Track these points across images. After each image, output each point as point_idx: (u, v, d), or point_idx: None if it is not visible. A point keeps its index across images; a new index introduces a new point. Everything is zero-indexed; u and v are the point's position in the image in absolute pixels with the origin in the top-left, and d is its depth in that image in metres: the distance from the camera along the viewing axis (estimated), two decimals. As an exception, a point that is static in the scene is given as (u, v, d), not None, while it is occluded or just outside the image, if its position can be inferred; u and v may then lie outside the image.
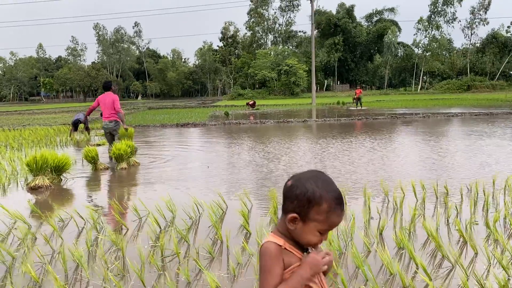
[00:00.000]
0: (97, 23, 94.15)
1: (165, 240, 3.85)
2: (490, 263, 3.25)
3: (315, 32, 60.69)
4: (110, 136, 8.85)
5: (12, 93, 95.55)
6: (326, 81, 79.04)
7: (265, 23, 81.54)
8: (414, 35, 76.71)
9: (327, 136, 12.43)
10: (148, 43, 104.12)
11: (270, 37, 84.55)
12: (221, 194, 5.36)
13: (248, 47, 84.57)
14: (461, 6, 70.43)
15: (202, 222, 4.56)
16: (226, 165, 8.16)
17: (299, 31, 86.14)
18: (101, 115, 9.32)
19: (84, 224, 4.58)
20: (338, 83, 79.48)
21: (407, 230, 4.01)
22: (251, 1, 79.60)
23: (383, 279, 3.08)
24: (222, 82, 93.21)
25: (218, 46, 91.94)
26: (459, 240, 3.78)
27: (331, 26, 73.52)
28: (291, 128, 15.69)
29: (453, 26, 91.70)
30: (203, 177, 7.05)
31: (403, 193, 5.20)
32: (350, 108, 28.55)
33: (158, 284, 3.11)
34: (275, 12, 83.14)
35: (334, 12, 75.77)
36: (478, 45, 75.68)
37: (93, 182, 7.19)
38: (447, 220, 4.33)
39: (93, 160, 8.03)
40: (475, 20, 73.00)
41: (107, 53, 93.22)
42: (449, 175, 6.48)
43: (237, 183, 6.47)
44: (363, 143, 10.54)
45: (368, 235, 3.96)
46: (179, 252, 3.61)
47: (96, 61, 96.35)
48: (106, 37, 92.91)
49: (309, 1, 38.47)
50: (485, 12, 71.75)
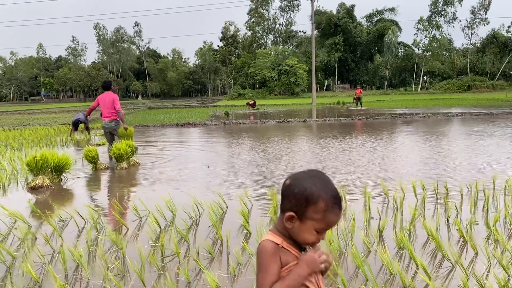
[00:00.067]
0: (97, 23, 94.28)
1: (165, 240, 3.85)
2: (490, 263, 3.25)
3: (315, 32, 60.65)
4: (110, 136, 8.86)
5: (12, 93, 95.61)
6: (326, 81, 79.05)
7: (265, 23, 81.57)
8: (415, 35, 76.81)
9: (328, 136, 12.43)
10: (148, 43, 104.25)
11: (270, 37, 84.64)
12: (221, 194, 5.36)
13: (248, 47, 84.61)
14: (462, 6, 70.45)
15: (202, 222, 4.56)
16: (226, 165, 8.17)
17: (299, 31, 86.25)
18: (101, 115, 9.33)
19: (84, 224, 4.59)
20: (339, 83, 79.51)
21: (407, 230, 4.01)
22: (251, 1, 79.64)
23: (383, 279, 3.08)
24: (222, 82, 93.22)
25: (218, 46, 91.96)
26: (459, 240, 3.78)
27: (332, 26, 73.52)
28: (291, 128, 15.69)
29: (454, 26, 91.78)
30: (203, 177, 7.05)
31: (403, 193, 5.20)
32: (351, 108, 28.54)
33: (158, 284, 3.11)
34: (275, 12, 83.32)
35: (334, 12, 75.77)
36: (479, 45, 75.66)
37: (93, 182, 7.19)
38: (447, 220, 4.33)
39: (93, 160, 8.04)
40: (476, 20, 73.01)
41: (107, 53, 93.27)
42: (449, 175, 6.48)
43: (237, 183, 6.47)
44: (363, 143, 10.54)
45: (368, 235, 3.96)
46: (179, 252, 3.61)
47: (96, 61, 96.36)
48: (106, 37, 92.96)
49: (309, 1, 38.50)
50: (486, 12, 71.79)
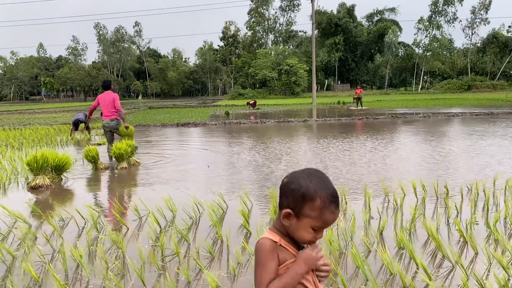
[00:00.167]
0: (98, 23, 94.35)
1: (165, 240, 3.85)
2: (491, 263, 3.25)
3: (316, 32, 60.69)
4: (111, 135, 8.86)
5: (13, 93, 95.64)
6: (327, 81, 79.05)
7: (266, 23, 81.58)
8: (415, 35, 76.67)
9: (328, 136, 12.43)
10: (149, 43, 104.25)
11: (271, 37, 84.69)
12: (221, 194, 5.36)
13: (249, 47, 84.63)
14: (462, 6, 70.43)
15: (203, 222, 4.56)
16: (227, 165, 8.16)
17: (300, 31, 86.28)
18: (101, 114, 9.35)
19: (85, 224, 4.59)
20: (339, 83, 79.53)
21: (408, 230, 4.01)
22: (252, 1, 79.65)
23: (383, 279, 3.08)
24: (223, 82, 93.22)
25: (219, 46, 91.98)
26: (460, 240, 3.78)
27: (332, 26, 73.51)
28: (292, 128, 15.69)
29: (454, 26, 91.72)
30: (204, 177, 7.05)
31: (404, 193, 5.20)
32: (351, 108, 28.54)
33: (158, 284, 3.11)
34: (276, 12, 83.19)
35: (335, 12, 75.75)
36: (479, 45, 75.62)
37: (94, 182, 7.19)
38: (448, 220, 4.33)
39: (94, 160, 8.04)
40: (476, 20, 72.98)
41: (108, 53, 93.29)
42: (450, 175, 6.47)
43: (238, 183, 6.47)
44: (364, 143, 10.54)
45: (368, 235, 3.95)
46: (179, 252, 3.61)
47: (97, 61, 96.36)
48: (107, 37, 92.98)
49: (310, 1, 38.46)
50: (486, 12, 71.77)
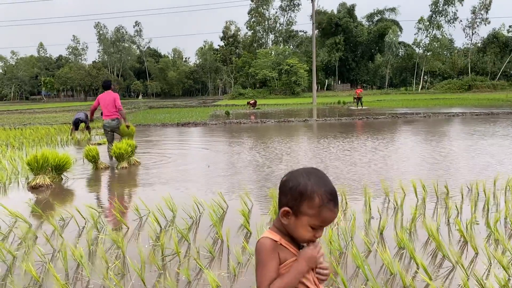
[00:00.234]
0: (98, 22, 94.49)
1: (166, 240, 3.86)
2: (491, 263, 3.25)
3: (316, 32, 60.66)
4: (111, 135, 8.87)
5: (13, 92, 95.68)
6: (327, 81, 79.03)
7: (266, 23, 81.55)
8: (415, 35, 76.64)
9: (328, 136, 12.43)
10: (149, 43, 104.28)
11: (271, 37, 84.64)
12: (222, 194, 5.36)
13: (249, 47, 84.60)
14: (462, 6, 70.35)
15: (203, 222, 4.56)
16: (227, 165, 8.16)
17: (300, 31, 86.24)
18: (101, 114, 9.36)
19: (85, 223, 4.59)
20: (339, 83, 79.52)
21: (408, 230, 4.01)
22: (252, 1, 79.61)
23: (384, 279, 3.08)
24: (223, 82, 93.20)
25: (219, 46, 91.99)
26: (460, 240, 3.78)
27: (332, 26, 73.50)
28: (292, 128, 15.69)
29: (454, 26, 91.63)
30: (204, 177, 7.05)
31: (404, 193, 5.20)
32: (351, 108, 28.53)
33: (159, 283, 3.11)
34: (276, 12, 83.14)
35: (335, 12, 75.72)
36: (479, 45, 75.58)
37: (94, 181, 7.19)
38: (448, 220, 4.33)
39: (94, 159, 8.04)
40: (476, 20, 72.94)
41: (108, 52, 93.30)
42: (450, 175, 6.47)
43: (238, 183, 6.46)
44: (364, 143, 10.54)
45: (369, 235, 3.95)
46: (180, 252, 3.61)
47: (97, 60, 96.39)
48: (107, 36, 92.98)
49: (310, 1, 38.45)
50: (486, 12, 71.72)
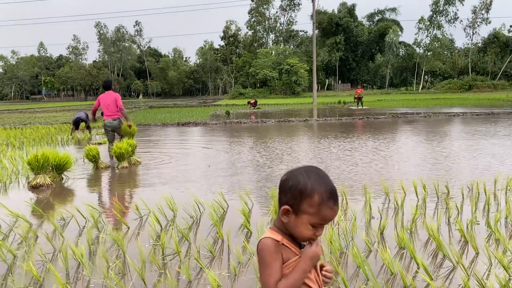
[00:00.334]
0: (99, 22, 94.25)
1: (166, 239, 3.86)
2: (491, 263, 3.25)
3: (316, 32, 60.59)
4: (112, 134, 8.88)
5: (14, 92, 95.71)
6: (327, 81, 78.99)
7: (266, 22, 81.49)
8: (416, 35, 76.70)
9: (329, 136, 12.42)
10: (149, 42, 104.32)
11: (271, 36, 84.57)
12: (222, 193, 5.36)
13: (249, 46, 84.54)
14: (463, 6, 70.29)
15: (203, 221, 4.56)
16: (227, 165, 8.16)
17: (300, 31, 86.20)
18: (102, 114, 9.37)
19: (85, 223, 4.59)
20: (339, 83, 79.45)
21: (408, 230, 4.01)
22: (252, 0, 79.56)
23: (384, 279, 3.08)
24: (223, 81, 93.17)
25: (219, 45, 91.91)
26: (460, 240, 3.78)
27: (333, 26, 73.46)
28: (293, 128, 15.69)
29: (455, 26, 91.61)
30: (204, 176, 7.05)
31: (404, 193, 5.20)
32: (351, 108, 28.52)
33: (159, 283, 3.11)
34: (276, 12, 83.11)
35: (336, 12, 75.67)
36: (480, 45, 75.51)
37: (94, 181, 7.20)
38: (448, 220, 4.32)
39: (94, 159, 8.05)
40: (477, 20, 72.86)
41: (108, 52, 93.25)
42: (451, 175, 6.47)
43: (238, 183, 6.47)
44: (365, 143, 10.53)
45: (369, 235, 3.95)
46: (180, 251, 3.61)
47: (98, 60, 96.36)
48: (107, 36, 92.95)
49: (310, 1, 38.43)
50: (487, 12, 71.64)
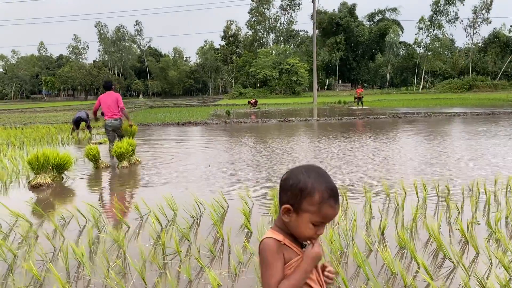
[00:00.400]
0: (99, 22, 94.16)
1: (166, 239, 3.85)
2: (492, 263, 3.24)
3: (317, 31, 60.57)
4: (113, 134, 8.88)
5: (14, 91, 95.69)
6: (328, 80, 78.96)
7: (267, 22, 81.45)
8: (416, 35, 76.49)
9: (329, 136, 12.42)
10: (150, 42, 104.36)
11: (272, 36, 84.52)
12: (222, 193, 5.36)
13: (250, 46, 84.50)
14: (464, 5, 70.13)
15: (204, 221, 4.56)
16: (228, 164, 8.16)
17: (301, 30, 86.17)
18: (102, 114, 9.38)
19: (86, 222, 4.59)
20: (340, 82, 79.43)
21: (409, 230, 4.01)
22: (253, 0, 79.52)
23: (385, 279, 3.08)
24: (224, 81, 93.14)
25: (220, 45, 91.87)
26: (461, 240, 3.78)
27: (333, 25, 73.40)
28: (293, 127, 15.68)
29: (455, 26, 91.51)
30: (204, 176, 7.05)
31: (405, 193, 5.20)
32: (352, 107, 28.51)
33: (159, 282, 3.11)
34: (277, 11, 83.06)
35: (336, 12, 75.63)
36: (480, 45, 75.44)
37: (95, 181, 7.20)
38: (449, 220, 4.32)
39: (95, 159, 8.05)
40: (477, 20, 72.79)
41: (109, 52, 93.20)
42: (451, 175, 6.46)
43: (238, 182, 6.47)
44: (366, 143, 10.53)
45: (370, 235, 3.95)
46: (180, 251, 3.61)
47: (98, 60, 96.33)
48: (108, 36, 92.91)
49: (311, 0, 38.41)
50: (487, 12, 71.57)
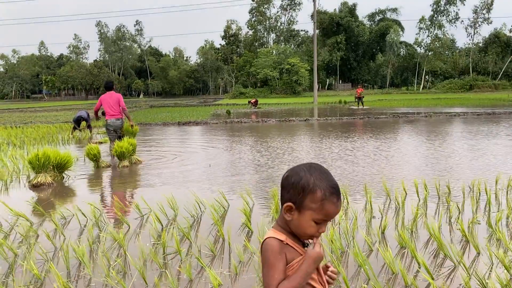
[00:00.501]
0: (99, 21, 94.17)
1: (167, 238, 3.85)
2: (492, 263, 3.24)
3: (317, 31, 60.54)
4: (114, 134, 8.88)
5: (14, 91, 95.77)
6: (328, 80, 78.94)
7: (267, 22, 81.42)
8: (417, 35, 76.57)
9: (330, 136, 12.42)
10: (150, 41, 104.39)
11: (272, 36, 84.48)
12: (223, 193, 5.36)
13: (250, 46, 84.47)
14: (464, 5, 70.15)
15: (204, 220, 4.56)
16: (228, 164, 8.16)
17: (301, 30, 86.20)
18: (103, 114, 9.39)
19: (86, 222, 4.59)
20: (340, 82, 79.41)
21: (409, 229, 4.01)
22: (253, 0, 79.50)
23: (385, 278, 3.08)
24: (224, 81, 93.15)
25: (220, 45, 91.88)
26: (461, 240, 3.77)
27: (334, 25, 73.35)
28: (293, 127, 15.68)
29: (456, 26, 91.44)
30: (205, 176, 7.05)
31: (405, 193, 5.19)
32: (352, 107, 28.50)
33: (160, 282, 3.11)
34: (277, 11, 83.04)
35: (336, 12, 75.59)
36: (481, 45, 75.38)
37: (95, 180, 7.20)
38: (449, 220, 4.32)
39: (95, 158, 8.05)
40: (478, 20, 72.73)
41: (109, 51, 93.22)
42: (452, 175, 6.46)
43: (239, 182, 6.47)
44: (366, 143, 10.53)
45: (370, 234, 3.95)
46: (181, 250, 3.61)
47: (98, 59, 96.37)
48: (108, 35, 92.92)
49: (311, 0, 38.42)
50: (488, 12, 71.51)
